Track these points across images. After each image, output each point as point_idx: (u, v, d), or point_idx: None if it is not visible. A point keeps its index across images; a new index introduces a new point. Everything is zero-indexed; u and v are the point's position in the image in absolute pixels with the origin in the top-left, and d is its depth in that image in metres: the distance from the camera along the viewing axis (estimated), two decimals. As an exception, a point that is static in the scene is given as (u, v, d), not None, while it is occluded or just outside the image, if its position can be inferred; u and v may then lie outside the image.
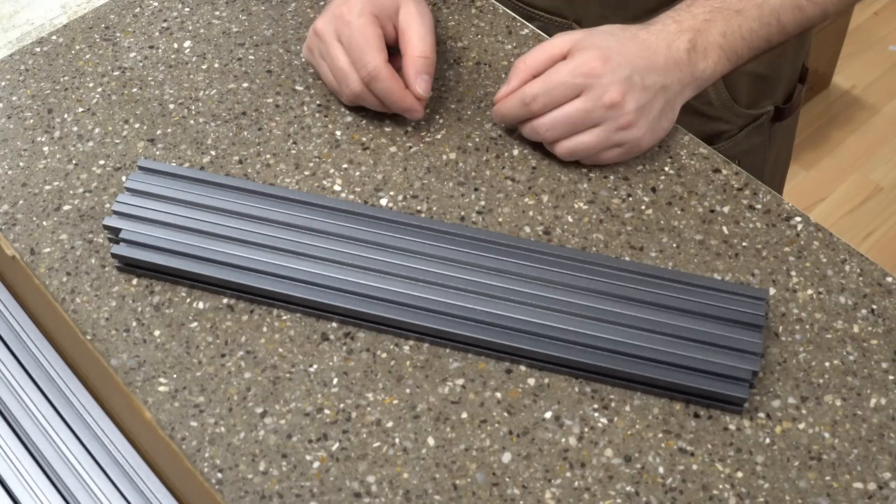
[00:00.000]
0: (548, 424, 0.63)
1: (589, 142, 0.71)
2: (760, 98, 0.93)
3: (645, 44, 0.71)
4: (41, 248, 0.71)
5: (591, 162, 0.74)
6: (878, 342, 0.65)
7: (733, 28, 0.73)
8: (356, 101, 0.76)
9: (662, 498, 0.60)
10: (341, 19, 0.73)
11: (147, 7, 0.87)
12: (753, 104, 0.92)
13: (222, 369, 0.65)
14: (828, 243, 0.70)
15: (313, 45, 0.77)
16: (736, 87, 0.89)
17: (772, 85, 0.92)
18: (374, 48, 0.72)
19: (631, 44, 0.71)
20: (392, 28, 0.75)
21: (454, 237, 0.68)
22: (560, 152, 0.73)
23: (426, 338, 0.66)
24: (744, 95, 0.91)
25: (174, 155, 0.76)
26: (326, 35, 0.75)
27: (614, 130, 0.71)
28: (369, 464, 0.61)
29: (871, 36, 2.23)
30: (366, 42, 0.72)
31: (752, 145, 0.94)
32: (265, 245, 0.68)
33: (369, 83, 0.73)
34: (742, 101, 0.91)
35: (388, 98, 0.74)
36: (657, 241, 0.71)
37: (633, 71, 0.70)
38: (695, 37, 0.72)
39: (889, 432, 0.62)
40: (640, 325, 0.64)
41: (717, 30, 0.73)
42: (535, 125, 0.72)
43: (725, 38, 0.73)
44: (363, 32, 0.73)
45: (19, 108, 0.80)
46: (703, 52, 0.72)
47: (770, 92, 0.93)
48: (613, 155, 0.73)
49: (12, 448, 0.72)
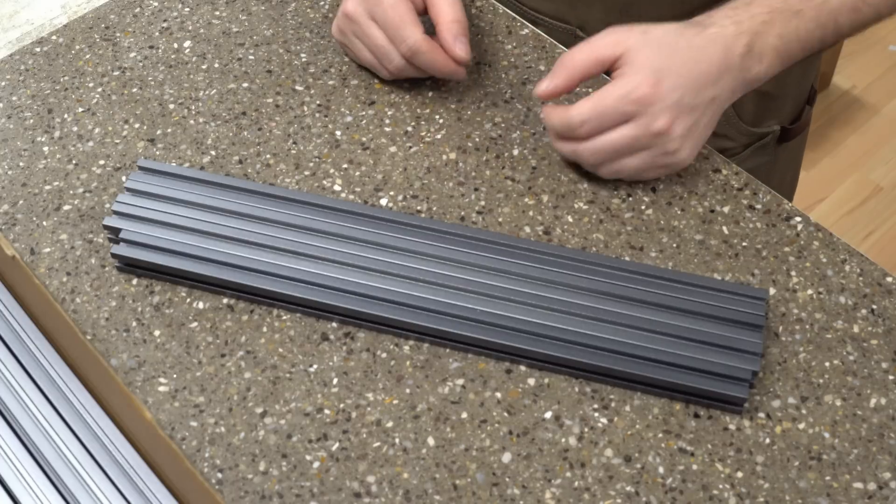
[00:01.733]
0: (548, 424, 0.63)
1: (633, 165, 0.70)
2: (766, 116, 0.91)
3: (700, 53, 0.69)
4: (41, 248, 0.71)
5: (627, 178, 0.73)
6: (878, 342, 0.65)
7: (790, 30, 0.70)
8: (397, 76, 0.78)
9: (662, 498, 0.60)
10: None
11: (147, 7, 0.87)
12: (758, 122, 0.91)
13: (222, 369, 0.65)
14: (828, 243, 0.70)
15: (345, 27, 0.78)
16: (740, 103, 0.88)
17: (777, 104, 0.91)
18: (410, 23, 0.74)
19: (685, 55, 0.69)
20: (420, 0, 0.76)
21: (454, 237, 0.68)
22: (602, 173, 0.72)
23: (426, 338, 0.66)
24: (748, 112, 0.90)
25: (174, 155, 0.76)
26: (359, 15, 0.76)
27: (660, 155, 0.70)
28: (369, 464, 0.61)
29: (871, 36, 2.23)
30: (401, 18, 0.74)
31: (756, 164, 0.92)
32: (265, 245, 0.68)
33: (411, 57, 0.75)
34: (746, 118, 0.90)
35: (432, 68, 0.76)
36: (657, 241, 0.71)
37: (684, 93, 0.68)
38: (752, 40, 0.70)
39: (889, 432, 0.62)
40: (640, 325, 0.64)
41: (775, 31, 0.70)
42: (579, 149, 0.71)
43: (782, 40, 0.70)
44: (396, 9, 0.74)
45: (19, 108, 0.80)
46: (759, 56, 0.70)
47: (776, 111, 0.92)
48: (655, 174, 0.73)
49: (12, 448, 0.72)
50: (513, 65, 0.82)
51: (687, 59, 0.69)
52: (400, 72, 0.77)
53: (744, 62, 0.70)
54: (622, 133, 0.69)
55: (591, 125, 0.69)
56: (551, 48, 0.83)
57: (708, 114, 0.70)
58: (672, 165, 0.72)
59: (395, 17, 0.74)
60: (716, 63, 0.69)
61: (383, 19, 0.74)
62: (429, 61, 0.75)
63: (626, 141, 0.69)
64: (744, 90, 0.72)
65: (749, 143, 0.92)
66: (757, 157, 0.93)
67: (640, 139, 0.69)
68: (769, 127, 0.92)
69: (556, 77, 0.70)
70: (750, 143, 0.92)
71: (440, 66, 0.75)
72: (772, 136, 0.93)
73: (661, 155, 0.70)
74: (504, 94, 0.80)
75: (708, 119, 0.71)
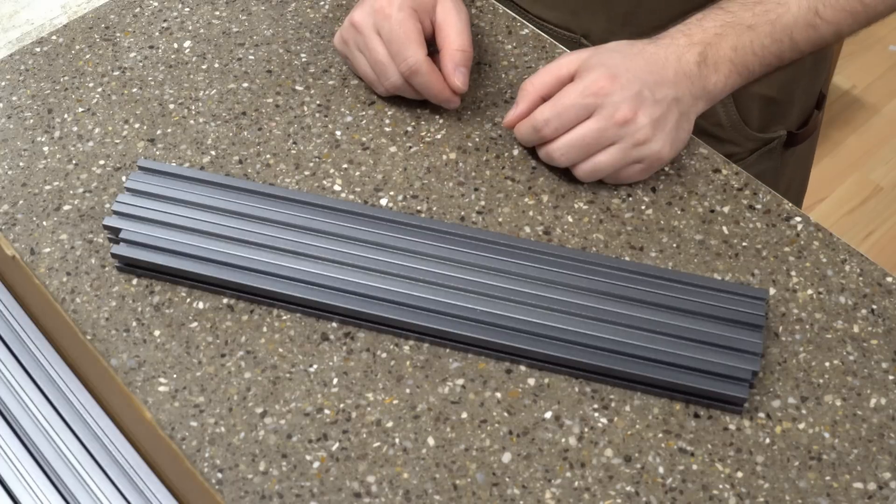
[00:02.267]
0: (548, 424, 0.63)
1: (607, 161, 0.70)
2: (772, 122, 0.91)
3: (654, 58, 0.71)
4: (41, 248, 0.71)
5: (614, 181, 0.73)
6: (878, 342, 0.65)
7: (745, 43, 0.72)
8: (393, 93, 0.77)
9: (662, 498, 0.60)
10: (381, 13, 0.74)
11: (147, 7, 0.87)
12: (765, 128, 0.91)
13: (222, 369, 0.65)
14: (828, 243, 0.70)
15: (349, 37, 0.77)
16: (746, 109, 0.88)
17: (783, 109, 0.91)
18: (414, 42, 0.73)
19: (639, 59, 0.71)
20: (429, 23, 0.76)
21: (454, 237, 0.68)
22: (580, 175, 0.72)
23: (426, 338, 0.66)
24: (754, 118, 0.90)
25: (174, 155, 0.76)
26: (365, 27, 0.75)
27: (631, 147, 0.70)
28: (369, 464, 0.61)
29: (871, 36, 2.23)
30: (406, 36, 0.73)
31: (763, 169, 0.92)
32: (265, 245, 0.68)
33: (410, 77, 0.74)
34: (753, 123, 0.90)
35: (428, 91, 0.75)
36: (657, 241, 0.71)
37: (642, 86, 0.69)
38: (705, 50, 0.71)
39: (889, 432, 0.62)
40: (640, 325, 0.64)
41: (728, 44, 0.72)
42: (549, 150, 0.72)
43: (736, 52, 0.72)
44: (403, 26, 0.73)
45: (19, 108, 0.80)
46: (714, 66, 0.71)
47: (782, 116, 0.92)
48: (635, 171, 0.72)
49: (12, 448, 0.72)
50: (513, 65, 0.82)
51: (641, 63, 0.70)
52: (396, 90, 0.76)
53: (700, 70, 0.71)
54: (587, 126, 0.70)
55: (554, 123, 0.70)
56: (551, 48, 0.83)
57: (674, 111, 0.71)
58: (648, 159, 0.71)
59: (401, 34, 0.73)
60: (671, 68, 0.70)
61: (388, 35, 0.74)
62: (426, 83, 0.74)
63: (592, 134, 0.69)
64: (707, 101, 0.73)
65: (755, 149, 0.92)
66: (764, 161, 0.93)
67: (606, 131, 0.69)
68: (776, 132, 0.92)
69: (520, 104, 0.73)
70: (756, 149, 0.92)
71: (436, 91, 0.75)
72: (778, 141, 0.93)
73: (633, 147, 0.70)
74: (504, 94, 0.80)
75: (676, 118, 0.71)
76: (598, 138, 0.70)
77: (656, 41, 0.72)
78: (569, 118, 0.70)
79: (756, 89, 0.83)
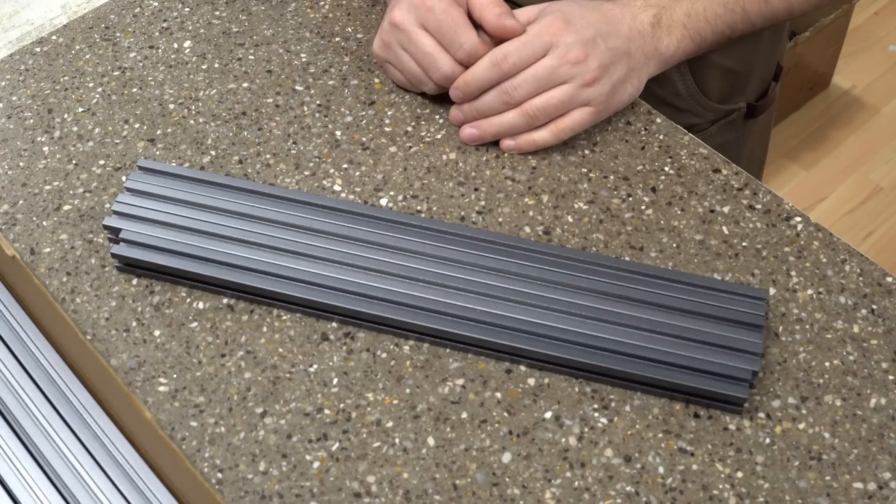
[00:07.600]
0: (548, 424, 0.63)
1: (557, 97, 0.73)
2: (732, 93, 0.93)
3: (610, 13, 0.74)
4: (41, 248, 0.71)
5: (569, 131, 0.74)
6: (878, 342, 0.65)
7: (698, 10, 0.76)
8: (443, 86, 0.76)
9: (662, 498, 0.60)
10: (422, 6, 0.73)
11: (147, 7, 0.87)
12: (725, 99, 0.92)
13: (222, 369, 0.65)
14: (828, 243, 0.70)
15: (390, 38, 0.76)
16: (705, 80, 0.89)
17: (743, 81, 0.92)
18: (465, 27, 0.73)
19: (595, 12, 0.74)
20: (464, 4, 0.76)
21: (454, 237, 0.68)
22: (530, 111, 0.73)
23: (426, 338, 0.66)
24: (714, 89, 0.91)
25: (174, 155, 0.76)
26: (407, 24, 0.74)
27: (580, 86, 0.73)
28: (369, 464, 0.61)
29: (871, 36, 2.23)
30: (455, 23, 0.73)
31: (724, 140, 0.94)
32: (265, 245, 0.68)
33: (470, 62, 0.74)
34: (712, 94, 0.91)
35: None
36: (657, 241, 0.71)
37: (596, 34, 0.73)
38: (659, 13, 0.75)
39: (889, 432, 0.62)
40: (640, 325, 0.64)
41: (682, 9, 0.76)
42: (505, 87, 0.73)
43: (690, 18, 0.76)
44: (450, 14, 0.73)
45: (19, 108, 0.80)
46: (668, 29, 0.75)
47: (741, 88, 0.93)
48: (582, 115, 0.74)
49: (12, 448, 0.72)
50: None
51: (598, 15, 0.74)
52: (446, 81, 0.75)
53: (654, 31, 0.75)
54: (542, 63, 0.73)
55: (512, 58, 0.72)
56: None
57: (624, 64, 0.74)
58: (595, 102, 0.73)
59: (450, 22, 0.73)
60: (625, 24, 0.75)
61: (437, 26, 0.73)
62: None
63: (547, 71, 0.72)
64: (659, 64, 0.77)
65: (716, 120, 0.93)
66: (725, 132, 0.95)
67: (559, 69, 0.72)
68: (736, 104, 0.94)
69: None
70: (717, 120, 0.93)
71: None
72: (738, 113, 0.94)
73: (582, 87, 0.73)
74: (504, 94, 0.80)
75: (625, 71, 0.74)
76: (551, 75, 0.72)
77: (613, 1, 0.75)
78: (526, 54, 0.72)
79: (716, 60, 0.85)
